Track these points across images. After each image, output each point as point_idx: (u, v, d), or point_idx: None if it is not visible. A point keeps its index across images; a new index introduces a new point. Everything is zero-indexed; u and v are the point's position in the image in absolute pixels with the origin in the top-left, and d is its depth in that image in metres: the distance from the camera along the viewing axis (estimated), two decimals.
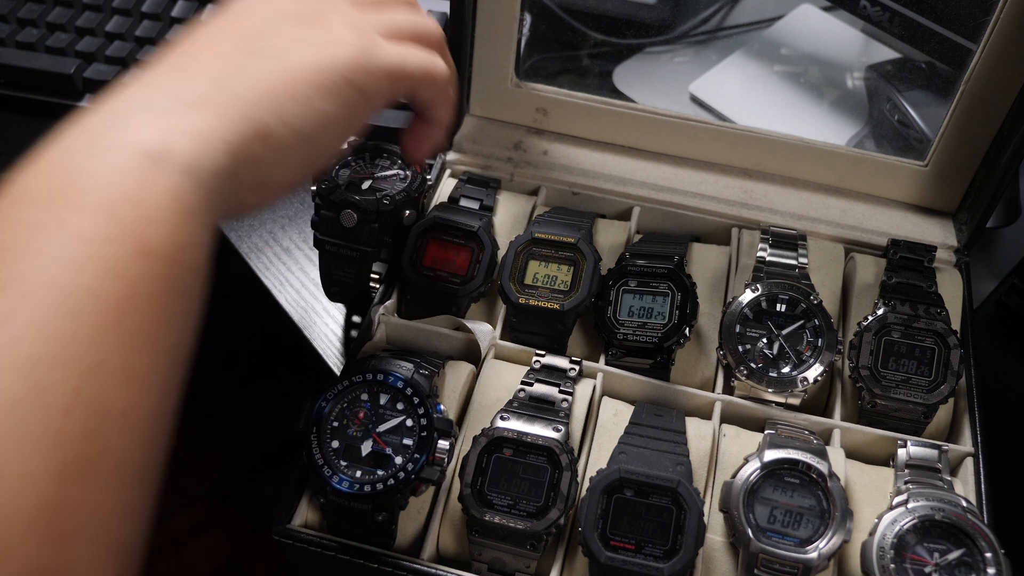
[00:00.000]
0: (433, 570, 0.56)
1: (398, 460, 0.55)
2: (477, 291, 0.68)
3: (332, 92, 0.46)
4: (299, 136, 0.44)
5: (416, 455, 0.55)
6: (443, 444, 0.55)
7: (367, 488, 0.55)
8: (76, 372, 0.33)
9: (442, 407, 0.57)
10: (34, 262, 0.34)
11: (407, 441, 0.56)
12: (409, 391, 0.56)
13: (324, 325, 0.77)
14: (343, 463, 0.56)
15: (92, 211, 0.36)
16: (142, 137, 0.38)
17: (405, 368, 0.58)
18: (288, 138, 0.44)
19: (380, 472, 0.55)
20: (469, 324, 0.66)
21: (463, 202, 0.73)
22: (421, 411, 0.56)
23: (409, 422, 0.56)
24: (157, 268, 0.37)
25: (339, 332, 0.76)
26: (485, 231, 0.69)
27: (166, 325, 0.37)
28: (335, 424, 0.57)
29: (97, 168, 0.37)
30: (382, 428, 0.57)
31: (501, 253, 0.70)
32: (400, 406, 0.57)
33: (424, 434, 0.56)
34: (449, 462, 0.56)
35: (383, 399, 0.57)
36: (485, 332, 0.66)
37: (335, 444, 0.57)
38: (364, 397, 0.57)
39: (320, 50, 0.46)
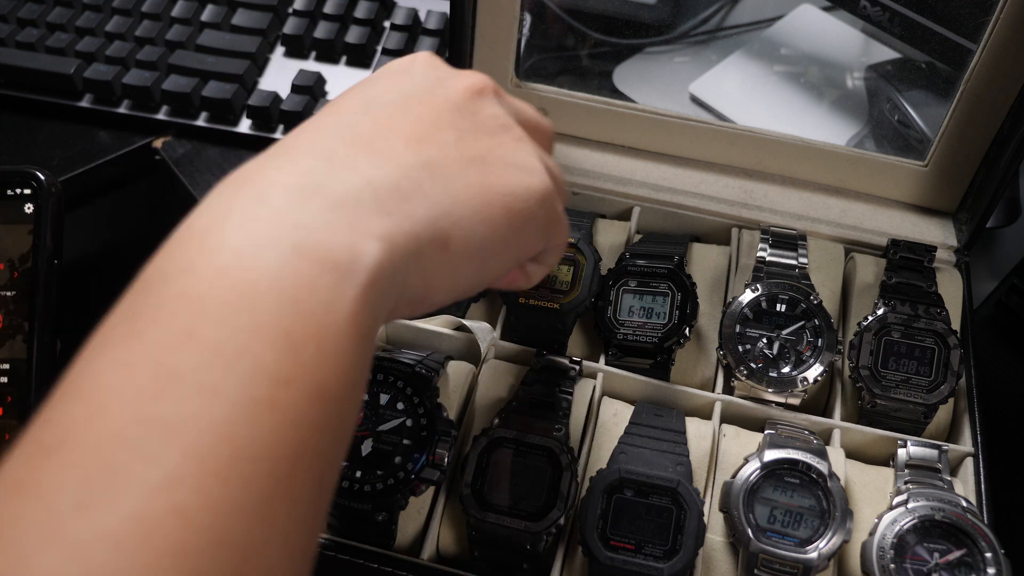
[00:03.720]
0: (433, 570, 0.56)
1: (398, 460, 0.55)
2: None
3: (519, 221, 0.41)
4: (476, 257, 0.39)
5: (416, 455, 0.55)
6: (443, 444, 0.55)
7: (367, 488, 0.54)
8: (237, 557, 0.27)
9: (442, 407, 0.57)
10: (211, 404, 0.27)
11: (407, 441, 0.56)
12: (409, 391, 0.56)
13: None
14: (343, 463, 0.56)
15: (273, 339, 0.29)
16: (334, 242, 0.32)
17: (405, 368, 0.58)
18: (465, 256, 0.38)
19: (380, 472, 0.55)
20: (469, 324, 0.66)
21: None
22: (421, 411, 0.56)
23: (409, 422, 0.56)
24: (329, 413, 0.30)
25: None
26: None
27: (329, 482, 0.31)
28: None
29: (282, 278, 0.30)
30: (383, 428, 0.56)
31: None
32: (400, 406, 0.57)
33: (424, 434, 0.56)
34: (449, 462, 0.56)
35: (383, 399, 0.57)
36: (485, 332, 0.66)
37: None
38: (364, 397, 0.57)
39: (518, 175, 0.41)
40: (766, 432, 0.61)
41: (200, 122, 0.90)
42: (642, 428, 0.60)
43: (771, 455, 0.57)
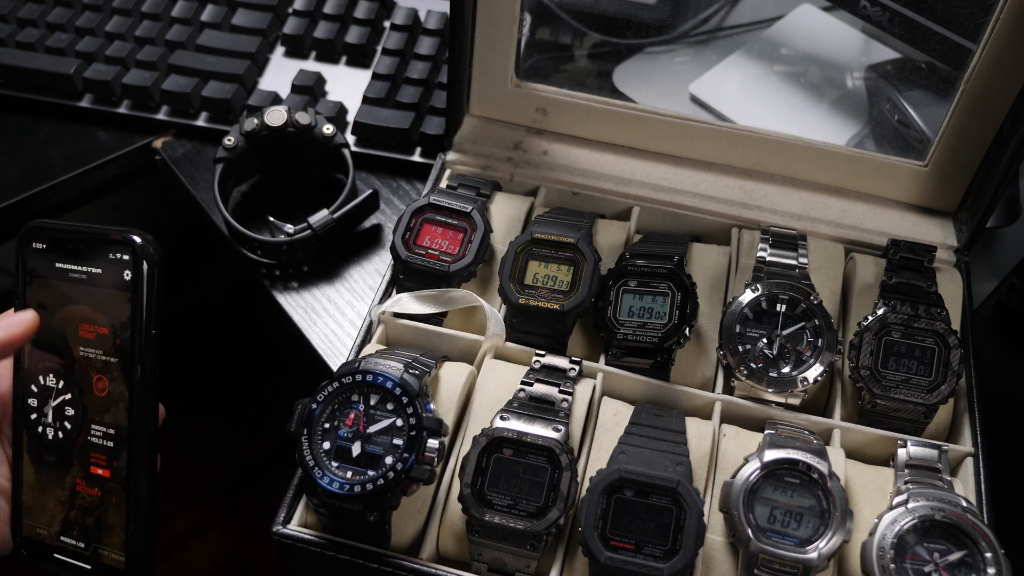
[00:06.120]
0: (433, 570, 0.56)
1: (388, 460, 0.55)
2: (467, 269, 0.68)
3: None
4: None
5: (405, 454, 0.55)
6: (432, 443, 0.55)
7: (357, 488, 0.54)
8: None
9: (431, 406, 0.57)
10: None
11: (397, 441, 0.56)
12: (398, 391, 0.56)
13: (324, 325, 0.77)
14: (334, 464, 0.56)
15: None
16: None
17: (394, 368, 0.57)
18: None
19: (370, 472, 0.55)
20: (484, 305, 0.66)
21: (460, 192, 0.74)
22: (410, 411, 0.56)
23: (399, 422, 0.56)
24: None
25: (339, 332, 0.76)
26: (479, 212, 0.69)
27: None
28: (326, 425, 0.57)
29: None
30: (373, 429, 0.56)
31: (501, 252, 0.70)
32: (390, 406, 0.57)
33: (413, 433, 0.55)
34: (440, 461, 0.56)
35: (373, 400, 0.57)
36: (496, 315, 0.66)
37: (326, 445, 0.56)
38: (355, 398, 0.57)
39: None
40: (766, 432, 0.61)
41: (200, 122, 0.90)
42: (642, 428, 0.60)
43: (771, 455, 0.57)
